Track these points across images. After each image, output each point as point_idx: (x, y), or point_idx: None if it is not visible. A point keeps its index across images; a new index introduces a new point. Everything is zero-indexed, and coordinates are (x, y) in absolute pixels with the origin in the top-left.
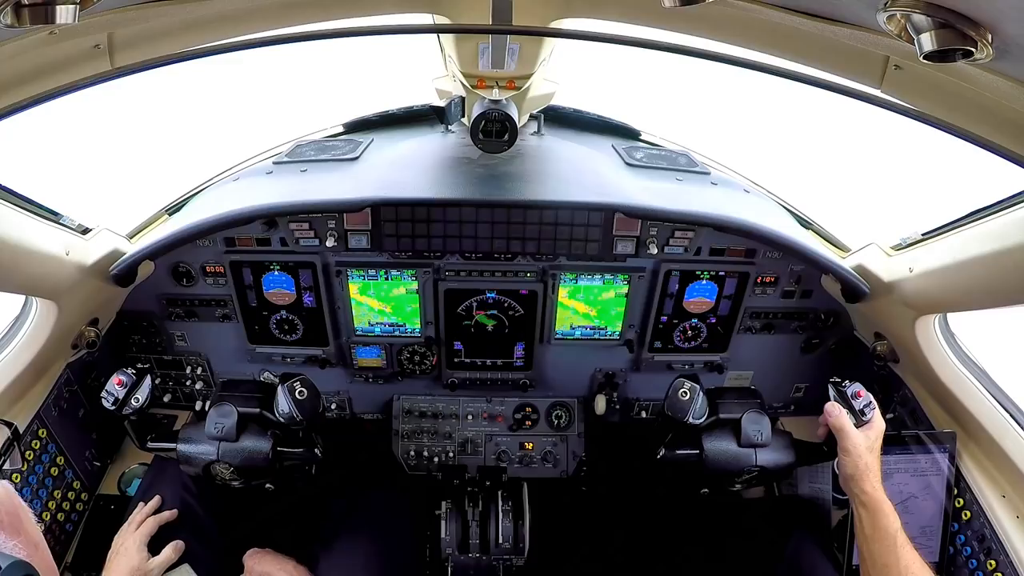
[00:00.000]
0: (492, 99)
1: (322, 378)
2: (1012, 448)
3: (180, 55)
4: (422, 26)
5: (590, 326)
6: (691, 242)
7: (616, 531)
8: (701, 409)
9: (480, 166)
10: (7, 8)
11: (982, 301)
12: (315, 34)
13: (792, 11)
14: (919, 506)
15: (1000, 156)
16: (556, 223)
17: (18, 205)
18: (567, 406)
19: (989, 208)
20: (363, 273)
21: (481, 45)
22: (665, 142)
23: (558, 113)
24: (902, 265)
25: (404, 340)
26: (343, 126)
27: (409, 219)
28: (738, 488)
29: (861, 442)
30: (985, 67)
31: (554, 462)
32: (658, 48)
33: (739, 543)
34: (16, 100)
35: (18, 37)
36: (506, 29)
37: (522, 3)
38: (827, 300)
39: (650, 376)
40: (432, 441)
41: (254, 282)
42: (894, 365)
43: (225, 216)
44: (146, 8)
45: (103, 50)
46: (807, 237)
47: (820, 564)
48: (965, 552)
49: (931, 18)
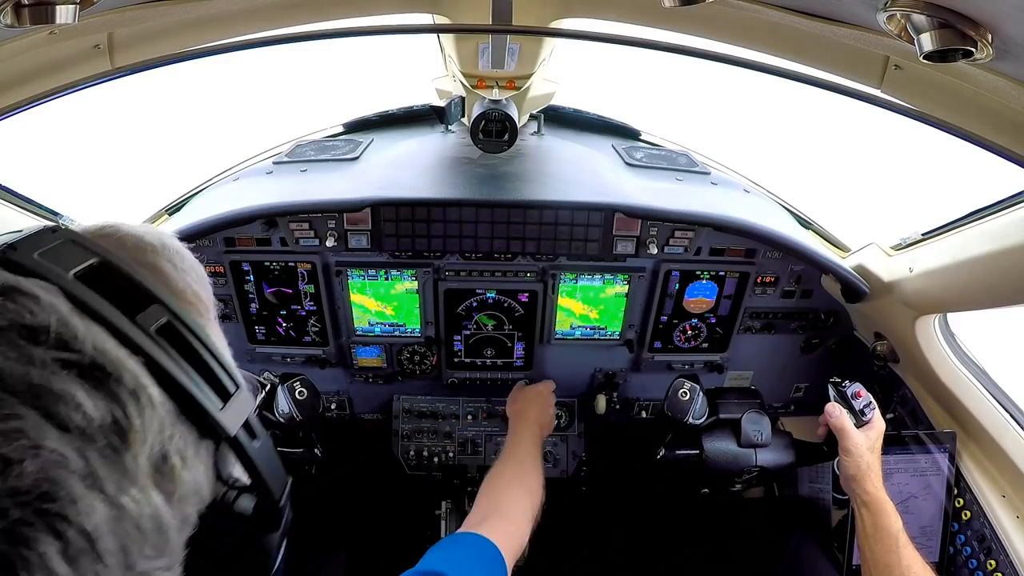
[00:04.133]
0: (492, 99)
1: (322, 378)
2: (1012, 448)
3: (180, 55)
4: (422, 26)
5: (590, 326)
6: (691, 242)
7: (616, 531)
8: (701, 409)
9: (480, 166)
10: (7, 8)
11: (982, 301)
12: (315, 34)
13: (792, 11)
14: (919, 506)
15: (1000, 156)
16: (556, 223)
17: (18, 205)
18: (567, 406)
19: (989, 208)
20: (363, 273)
21: (481, 45)
22: (665, 142)
23: (558, 113)
24: (902, 265)
25: (404, 340)
26: (343, 126)
27: (409, 219)
28: (738, 488)
29: (862, 442)
30: (985, 67)
31: (554, 462)
32: (658, 48)
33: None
34: (16, 100)
35: (18, 37)
36: (506, 29)
37: (522, 3)
38: (827, 300)
39: (650, 376)
40: (432, 441)
41: (254, 282)
42: (894, 365)
43: (225, 216)
44: (146, 8)
45: (103, 50)
46: (807, 237)
47: (820, 564)
48: (965, 552)
49: (931, 18)
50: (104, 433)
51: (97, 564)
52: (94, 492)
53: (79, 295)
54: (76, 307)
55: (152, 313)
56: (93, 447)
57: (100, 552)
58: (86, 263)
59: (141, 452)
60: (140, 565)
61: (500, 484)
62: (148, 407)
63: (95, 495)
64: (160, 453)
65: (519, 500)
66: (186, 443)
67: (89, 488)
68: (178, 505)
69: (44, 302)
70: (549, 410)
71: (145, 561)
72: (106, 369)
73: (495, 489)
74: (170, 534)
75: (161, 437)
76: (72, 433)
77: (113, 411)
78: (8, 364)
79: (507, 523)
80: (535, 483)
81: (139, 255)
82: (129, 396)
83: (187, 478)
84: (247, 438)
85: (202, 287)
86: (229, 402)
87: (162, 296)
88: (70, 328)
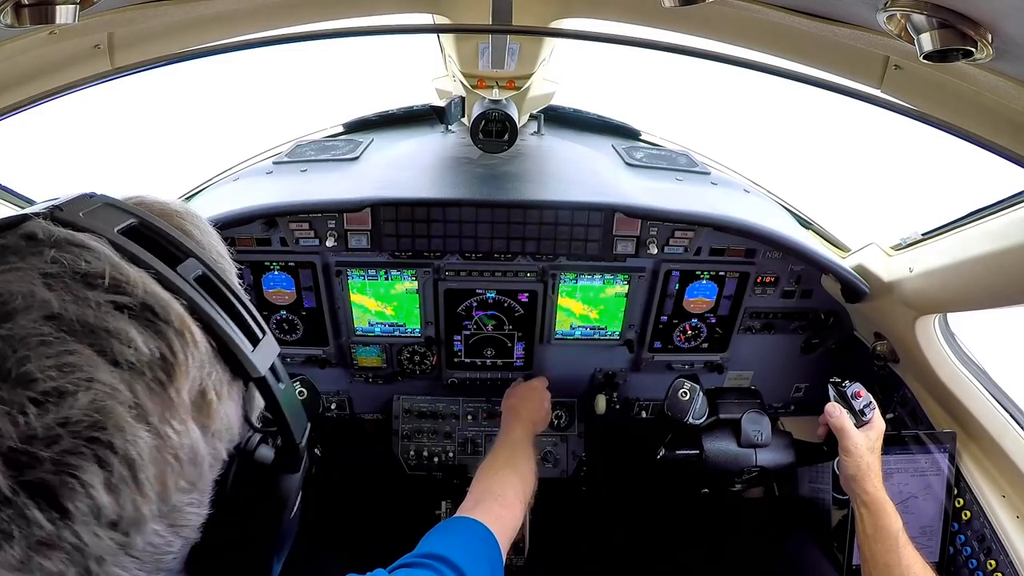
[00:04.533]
0: (492, 99)
1: (322, 378)
2: (1012, 448)
3: (180, 55)
4: (422, 26)
5: (590, 326)
6: (691, 242)
7: (616, 531)
8: (701, 409)
9: (480, 166)
10: (7, 8)
11: (982, 301)
12: (315, 34)
13: (792, 11)
14: (919, 506)
15: (1000, 156)
16: (556, 223)
17: (18, 205)
18: (567, 406)
19: (989, 208)
20: (363, 273)
21: (481, 45)
22: (665, 142)
23: (558, 113)
24: (902, 265)
25: (404, 340)
26: (343, 126)
27: (409, 219)
28: (738, 488)
29: (862, 442)
30: (985, 67)
31: (554, 462)
32: (658, 48)
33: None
34: (16, 100)
35: (18, 37)
36: (506, 29)
37: (522, 3)
38: (827, 300)
39: (650, 376)
40: (432, 441)
41: (254, 282)
42: (894, 365)
43: (225, 216)
44: (146, 8)
45: (103, 50)
46: (807, 237)
47: (820, 564)
48: (965, 552)
49: (931, 18)
50: (151, 368)
51: (136, 494)
52: (140, 422)
53: (126, 247)
54: (125, 256)
55: (190, 265)
56: (141, 380)
57: (140, 482)
58: (126, 222)
59: (183, 386)
60: (174, 497)
61: (492, 470)
62: (192, 345)
63: (141, 425)
64: (199, 388)
65: (511, 484)
66: (221, 381)
67: (136, 419)
68: (212, 439)
69: (97, 251)
70: (544, 405)
71: (179, 494)
72: (155, 310)
73: (487, 475)
74: (203, 467)
75: (201, 373)
76: (123, 368)
77: (161, 348)
78: (65, 306)
79: (500, 506)
80: (526, 468)
81: (168, 219)
82: (175, 335)
83: (222, 413)
84: (273, 380)
85: (223, 249)
86: (259, 345)
87: (196, 251)
88: (123, 274)
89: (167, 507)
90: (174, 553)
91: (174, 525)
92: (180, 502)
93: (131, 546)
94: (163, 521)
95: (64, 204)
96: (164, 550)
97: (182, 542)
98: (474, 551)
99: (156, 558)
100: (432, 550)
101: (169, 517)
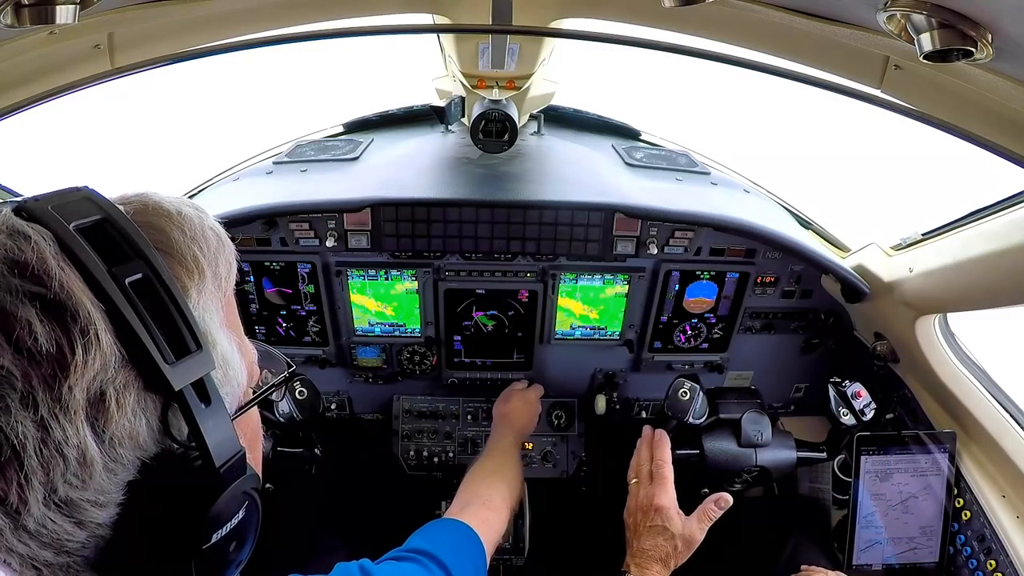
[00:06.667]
0: (492, 99)
1: (322, 378)
2: (1012, 448)
3: (180, 55)
4: (422, 26)
5: (590, 326)
6: (691, 242)
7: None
8: (701, 409)
9: (480, 166)
10: (7, 8)
11: (982, 301)
12: (315, 34)
13: (792, 11)
14: (919, 506)
15: (1000, 156)
16: (556, 223)
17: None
18: (567, 406)
19: (989, 208)
20: (363, 273)
21: (481, 45)
22: (665, 142)
23: (558, 113)
24: (902, 265)
25: (404, 340)
26: (343, 126)
27: (409, 219)
28: (738, 488)
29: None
30: (985, 67)
31: (554, 462)
32: (658, 48)
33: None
34: (16, 100)
35: (18, 37)
36: (506, 29)
37: (522, 3)
38: (827, 300)
39: (650, 376)
40: (432, 441)
41: (254, 282)
42: (894, 365)
43: (225, 216)
44: (146, 8)
45: (103, 50)
46: (807, 237)
47: (820, 564)
48: (965, 552)
49: (931, 18)
50: (49, 360)
51: (19, 478)
52: (27, 411)
53: (68, 243)
54: (63, 252)
55: (131, 267)
56: (38, 371)
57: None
58: (90, 218)
59: (78, 385)
60: (62, 490)
61: (480, 476)
62: (94, 345)
63: (27, 413)
64: (99, 391)
65: (498, 490)
66: (128, 388)
67: (23, 406)
68: (110, 444)
69: (34, 243)
70: (535, 420)
71: (68, 488)
72: (65, 305)
73: (476, 480)
74: (95, 468)
75: (102, 376)
76: (23, 355)
77: (60, 342)
78: None
79: (487, 510)
80: (513, 475)
81: (151, 218)
82: (79, 333)
83: (122, 421)
84: (196, 399)
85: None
86: (182, 360)
87: (148, 254)
88: (46, 267)
89: (57, 498)
90: (79, 542)
91: (71, 517)
92: (75, 497)
93: (22, 526)
94: (58, 511)
95: (44, 196)
96: (64, 537)
97: (86, 534)
98: (460, 550)
99: (56, 540)
100: (419, 546)
101: (64, 508)
